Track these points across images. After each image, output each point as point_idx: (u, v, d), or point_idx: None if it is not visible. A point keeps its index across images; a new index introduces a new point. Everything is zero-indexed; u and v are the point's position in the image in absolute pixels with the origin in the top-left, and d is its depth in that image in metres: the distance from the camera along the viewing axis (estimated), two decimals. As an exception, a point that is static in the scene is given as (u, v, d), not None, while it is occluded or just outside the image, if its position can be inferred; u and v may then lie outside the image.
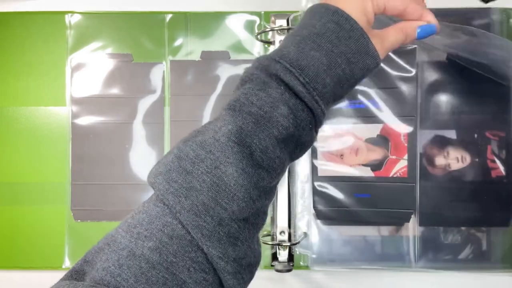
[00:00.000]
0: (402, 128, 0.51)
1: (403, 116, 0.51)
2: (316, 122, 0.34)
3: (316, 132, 0.35)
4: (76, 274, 0.29)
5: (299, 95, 0.32)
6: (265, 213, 0.33)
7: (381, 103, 0.52)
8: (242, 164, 0.30)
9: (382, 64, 0.51)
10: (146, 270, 0.28)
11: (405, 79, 0.51)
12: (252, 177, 0.30)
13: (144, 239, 0.28)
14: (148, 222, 0.29)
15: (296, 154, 0.35)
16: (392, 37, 0.36)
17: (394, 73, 0.51)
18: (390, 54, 0.51)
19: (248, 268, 0.31)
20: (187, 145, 0.31)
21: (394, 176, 0.52)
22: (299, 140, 0.33)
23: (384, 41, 0.36)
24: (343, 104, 0.53)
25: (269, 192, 0.33)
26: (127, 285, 0.27)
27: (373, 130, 0.52)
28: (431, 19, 0.38)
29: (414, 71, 0.51)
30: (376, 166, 0.52)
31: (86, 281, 0.28)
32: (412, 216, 0.52)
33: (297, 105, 0.32)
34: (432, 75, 0.52)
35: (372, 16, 0.35)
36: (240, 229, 0.30)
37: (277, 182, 0.34)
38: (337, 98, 0.35)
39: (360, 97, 0.52)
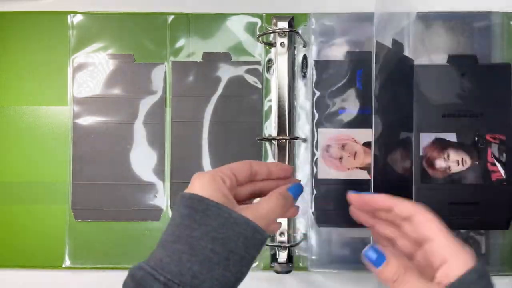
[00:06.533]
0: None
1: (402, 120, 0.51)
2: None
3: None
4: None
5: None
6: None
7: (380, 107, 0.52)
8: None
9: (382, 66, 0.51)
10: None
11: (402, 83, 0.51)
12: None
13: None
14: None
15: None
16: (264, 203, 0.37)
17: (392, 76, 0.51)
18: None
19: None
20: None
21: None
22: None
23: (258, 209, 0.36)
24: (342, 109, 0.53)
25: None
26: None
27: (371, 134, 0.52)
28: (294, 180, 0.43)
29: (411, 75, 0.51)
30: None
31: None
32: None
33: None
34: (431, 78, 0.52)
35: (226, 188, 0.36)
36: None
37: None
38: (234, 280, 0.34)
39: (359, 101, 0.52)
